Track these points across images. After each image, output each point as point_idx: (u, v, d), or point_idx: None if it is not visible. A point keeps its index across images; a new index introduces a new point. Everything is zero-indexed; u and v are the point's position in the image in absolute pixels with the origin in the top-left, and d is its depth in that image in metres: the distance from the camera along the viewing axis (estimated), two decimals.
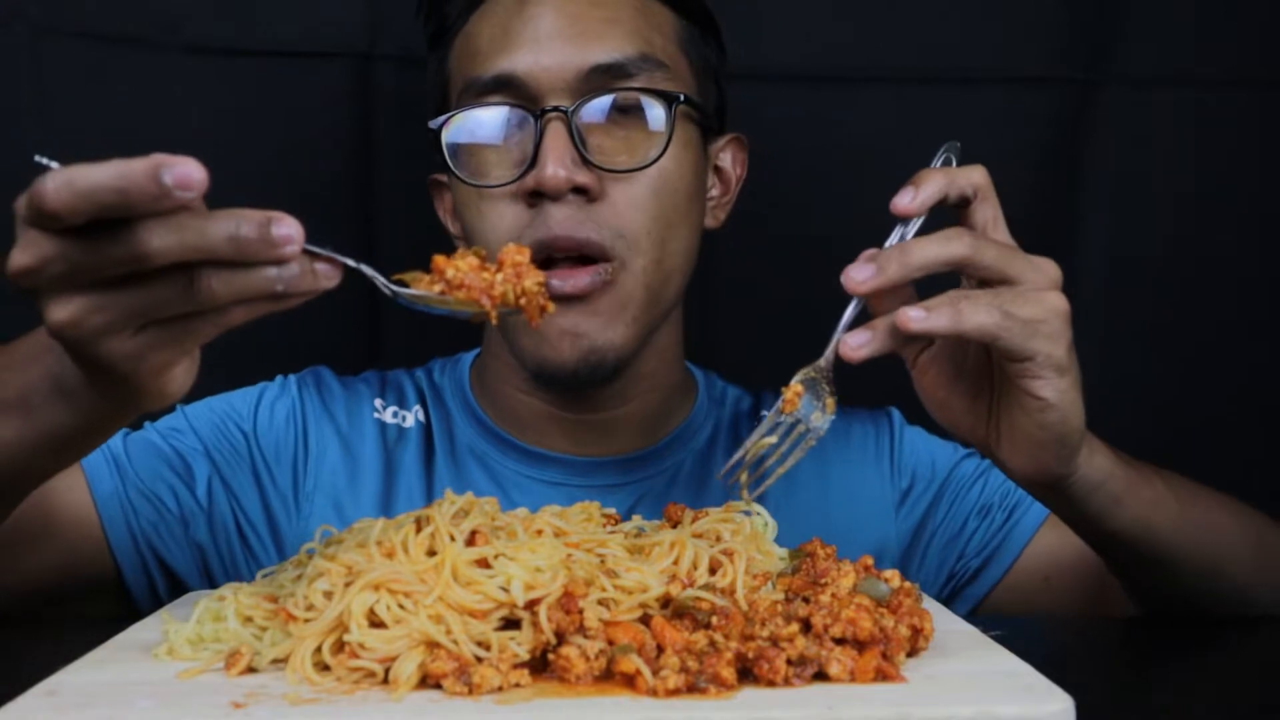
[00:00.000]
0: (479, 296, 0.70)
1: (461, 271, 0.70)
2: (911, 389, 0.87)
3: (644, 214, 1.02)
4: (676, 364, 1.15)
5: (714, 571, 0.78)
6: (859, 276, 0.78)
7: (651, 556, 0.78)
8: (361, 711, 0.63)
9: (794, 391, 0.83)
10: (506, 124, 1.02)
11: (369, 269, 0.67)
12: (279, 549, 1.08)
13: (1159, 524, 0.90)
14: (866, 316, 0.80)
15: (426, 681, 0.66)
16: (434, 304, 0.70)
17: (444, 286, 0.70)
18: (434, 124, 1.04)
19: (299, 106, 1.40)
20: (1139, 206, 1.45)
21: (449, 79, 1.08)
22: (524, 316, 0.74)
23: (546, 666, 0.68)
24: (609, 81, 1.01)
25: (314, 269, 0.63)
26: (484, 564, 0.72)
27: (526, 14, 1.02)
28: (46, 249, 0.60)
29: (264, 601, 0.75)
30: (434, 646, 0.67)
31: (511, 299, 0.72)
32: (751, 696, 0.64)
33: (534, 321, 0.74)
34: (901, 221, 0.83)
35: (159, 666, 0.71)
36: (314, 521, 1.07)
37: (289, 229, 0.60)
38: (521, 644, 0.68)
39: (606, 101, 1.01)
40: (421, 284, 0.70)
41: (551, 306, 0.75)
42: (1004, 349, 0.77)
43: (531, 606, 0.69)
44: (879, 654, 0.68)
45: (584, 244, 0.99)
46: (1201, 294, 1.47)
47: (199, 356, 0.69)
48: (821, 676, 0.67)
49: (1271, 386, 1.45)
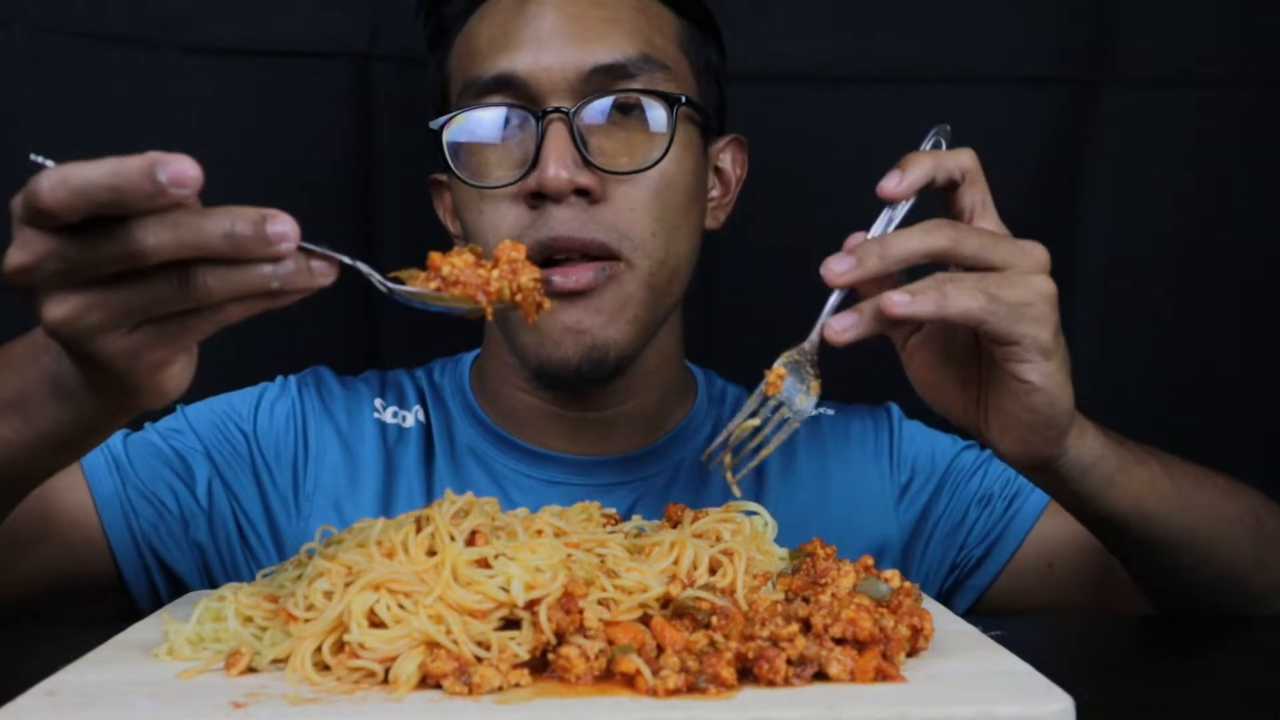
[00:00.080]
0: (475, 293, 0.71)
1: (457, 268, 0.70)
2: (910, 384, 0.87)
3: (646, 215, 1.02)
4: (676, 362, 1.15)
5: (714, 571, 0.78)
6: (838, 269, 0.78)
7: (651, 556, 0.78)
8: (361, 711, 0.63)
9: (776, 374, 0.83)
10: (507, 124, 1.02)
11: (364, 266, 0.66)
12: (279, 549, 1.08)
13: (1152, 505, 0.90)
14: (853, 300, 0.80)
15: (426, 681, 0.66)
16: (430, 301, 0.70)
17: (440, 283, 0.70)
18: (434, 124, 1.04)
19: (299, 106, 1.40)
20: (1139, 206, 1.45)
21: (449, 79, 1.08)
22: (520, 313, 0.74)
23: (546, 666, 0.68)
24: (610, 82, 1.01)
25: (310, 266, 0.63)
26: (484, 564, 0.72)
27: (527, 14, 1.02)
28: (42, 247, 0.60)
29: (264, 601, 0.75)
30: (434, 646, 0.67)
31: (507, 295, 0.72)
32: (751, 696, 0.64)
33: (530, 318, 0.74)
34: (889, 205, 0.83)
35: (159, 666, 0.71)
36: (314, 521, 1.07)
37: (284, 226, 0.60)
38: (521, 644, 0.68)
39: (608, 102, 1.01)
40: (417, 281, 0.70)
41: (548, 303, 0.75)
42: (990, 333, 0.78)
43: (531, 606, 0.69)
44: (879, 654, 0.68)
45: (588, 244, 1.00)
46: (1201, 294, 1.47)
47: (197, 355, 0.69)
48: (821, 676, 0.67)
49: (1272, 386, 1.45)
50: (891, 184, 0.80)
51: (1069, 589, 1.08)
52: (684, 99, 1.03)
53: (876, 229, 0.83)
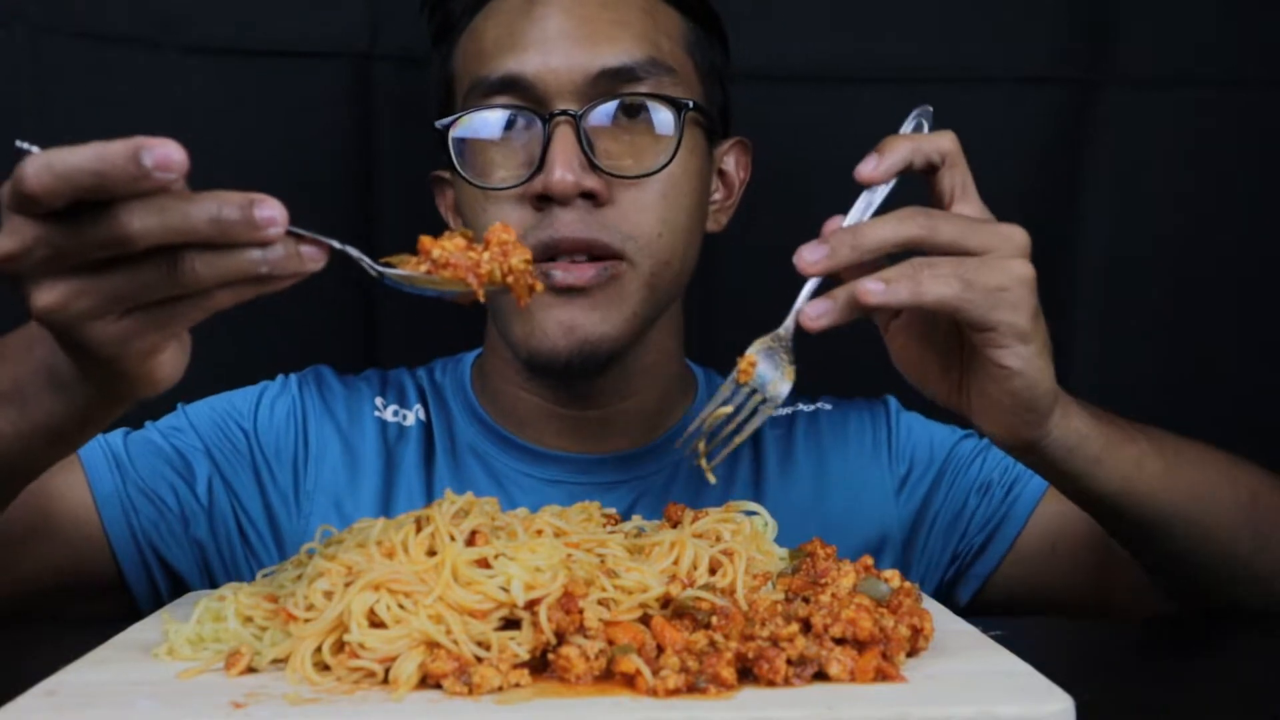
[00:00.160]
0: (465, 275, 0.70)
1: (448, 251, 0.70)
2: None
3: (651, 218, 1.02)
4: (676, 361, 1.15)
5: (714, 571, 0.78)
6: (810, 258, 0.78)
7: (651, 556, 0.78)
8: (361, 711, 0.63)
9: (748, 361, 0.82)
10: (513, 126, 1.02)
11: (355, 250, 0.66)
12: (279, 547, 1.08)
13: (1143, 484, 0.89)
14: (831, 284, 0.79)
15: (426, 681, 0.66)
16: (421, 284, 0.70)
17: (430, 266, 0.70)
18: (440, 124, 1.04)
19: (299, 106, 1.40)
20: (1139, 206, 1.45)
21: (454, 77, 1.08)
22: (512, 296, 0.73)
23: (546, 666, 0.68)
24: (617, 86, 1.01)
25: (299, 251, 0.62)
26: (484, 564, 0.72)
27: (534, 14, 1.02)
28: (29, 234, 0.60)
29: (264, 601, 0.75)
30: (434, 646, 0.67)
31: (498, 277, 0.72)
32: (751, 696, 0.64)
33: (522, 301, 0.74)
34: (869, 189, 0.82)
35: (159, 666, 0.71)
36: (314, 520, 1.07)
37: (272, 210, 0.60)
38: (521, 644, 0.68)
39: (614, 106, 1.01)
40: (408, 265, 0.70)
41: (540, 285, 0.75)
42: (966, 320, 0.78)
43: (531, 606, 0.69)
44: (879, 654, 0.68)
45: (591, 245, 1.00)
46: (1201, 294, 1.47)
47: (190, 344, 0.69)
48: (821, 676, 0.67)
49: (1272, 386, 1.45)
50: (869, 168, 0.80)
51: (1073, 573, 1.07)
52: (691, 104, 1.03)
53: (855, 214, 0.82)
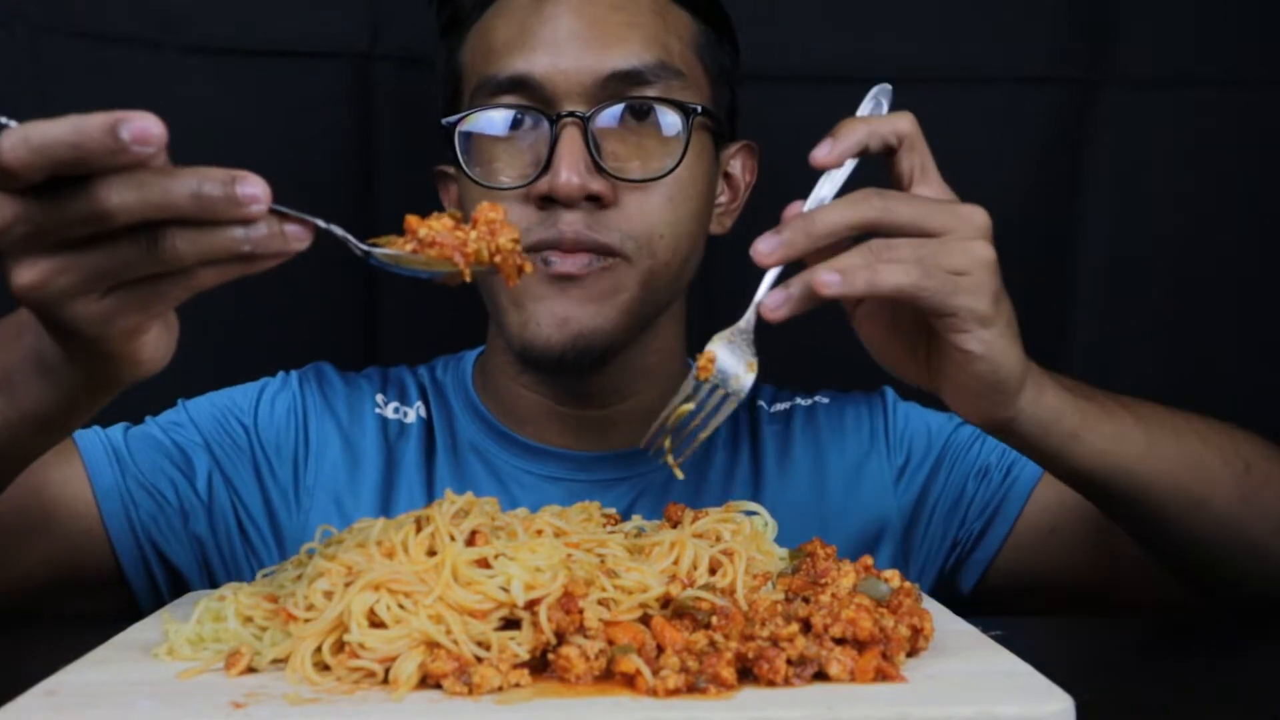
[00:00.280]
0: (452, 254, 0.69)
1: (434, 230, 0.70)
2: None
3: (655, 220, 1.02)
4: (677, 360, 1.15)
5: (714, 571, 0.78)
6: (764, 249, 0.78)
7: (651, 556, 0.78)
8: (361, 711, 0.63)
9: (706, 358, 0.82)
10: (520, 125, 1.02)
11: (340, 230, 0.65)
12: (279, 544, 1.08)
13: (1125, 457, 0.88)
14: (793, 272, 0.78)
15: (426, 681, 0.66)
16: (408, 264, 0.69)
17: (416, 245, 0.69)
18: (447, 121, 1.04)
19: (299, 106, 1.40)
20: (1139, 206, 1.45)
21: (461, 73, 1.08)
22: (501, 277, 0.72)
23: (546, 666, 0.68)
24: (626, 88, 1.01)
25: (283, 230, 0.62)
26: (484, 564, 0.72)
27: (544, 14, 1.02)
28: (8, 210, 0.59)
29: (264, 601, 0.75)
30: (434, 646, 0.67)
31: (486, 257, 0.71)
32: (751, 696, 0.64)
33: (510, 281, 0.73)
34: (827, 173, 0.81)
35: (159, 666, 0.71)
36: (314, 516, 1.07)
37: (254, 187, 0.59)
38: (521, 644, 0.68)
39: (623, 109, 1.01)
40: (394, 245, 0.69)
41: (529, 265, 0.74)
42: (925, 307, 0.77)
43: (531, 606, 0.69)
44: (879, 654, 0.68)
45: (593, 244, 1.00)
46: (1202, 294, 1.46)
47: (177, 328, 0.68)
48: (821, 676, 0.66)
49: (1272, 386, 1.45)
50: (822, 152, 0.79)
51: (1074, 555, 1.06)
52: (700, 109, 1.03)
53: (813, 199, 0.82)
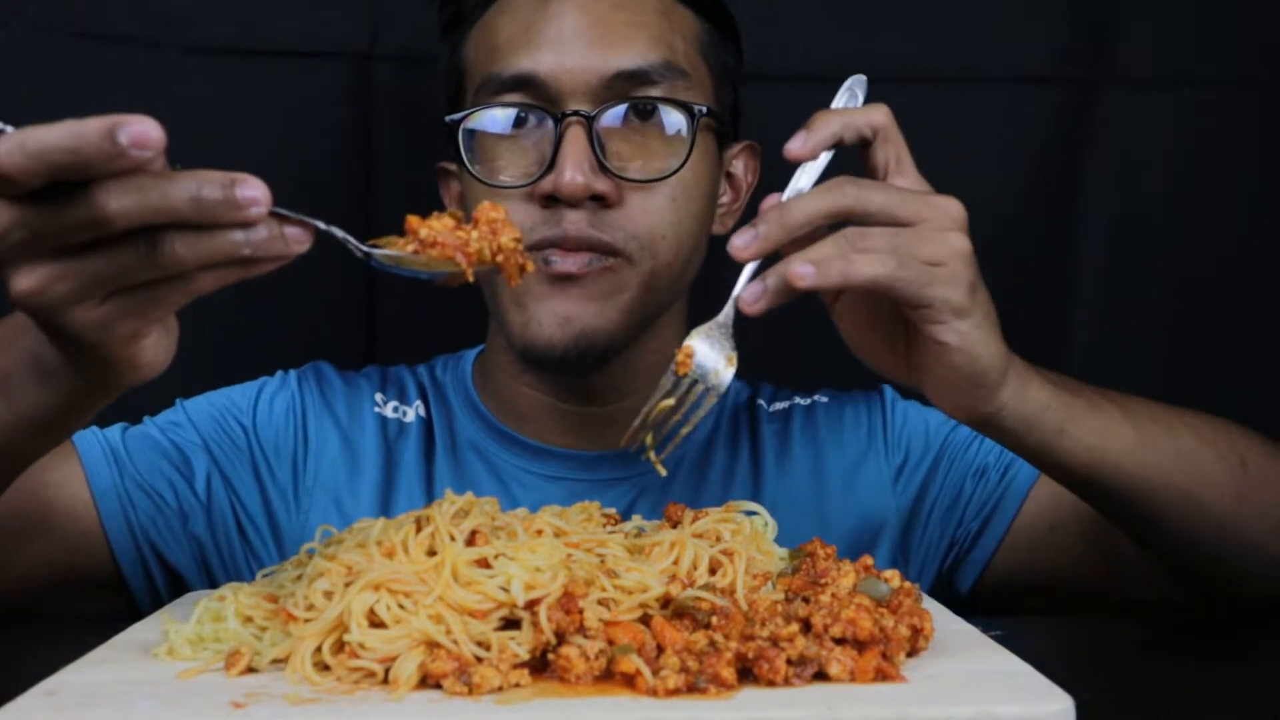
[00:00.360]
0: (453, 254, 0.69)
1: (435, 230, 0.69)
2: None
3: (659, 221, 1.02)
4: None
5: (714, 571, 0.78)
6: (740, 244, 0.77)
7: (651, 556, 0.78)
8: (361, 711, 0.63)
9: (684, 353, 0.82)
10: (524, 124, 1.02)
11: (340, 231, 0.65)
12: (278, 544, 1.08)
13: (1113, 454, 0.87)
14: (773, 262, 0.78)
15: (426, 681, 0.66)
16: (409, 265, 0.69)
17: (417, 245, 0.69)
18: (450, 119, 1.04)
19: (299, 106, 1.40)
20: (1139, 206, 1.45)
21: (464, 70, 1.08)
22: (503, 277, 0.72)
23: (546, 666, 0.68)
24: (631, 88, 1.01)
25: (283, 233, 0.61)
26: (484, 564, 0.72)
27: (549, 12, 1.02)
28: (5, 216, 0.59)
29: (264, 601, 0.75)
30: (434, 646, 0.67)
31: (488, 256, 0.71)
32: (751, 696, 0.64)
33: (512, 280, 0.73)
34: (804, 167, 0.81)
35: (159, 666, 0.71)
36: (313, 517, 1.07)
37: (254, 190, 0.59)
38: (521, 644, 0.68)
39: (627, 108, 1.00)
40: (395, 246, 0.69)
41: (530, 265, 0.73)
42: (900, 298, 0.77)
43: (531, 606, 0.69)
44: (879, 654, 0.68)
45: (595, 244, 0.99)
46: (1202, 294, 1.46)
47: (176, 332, 0.68)
48: (821, 676, 0.67)
49: (1272, 386, 1.45)
50: (796, 145, 0.79)
51: (1073, 554, 1.06)
52: (705, 110, 1.02)
53: (790, 191, 0.81)
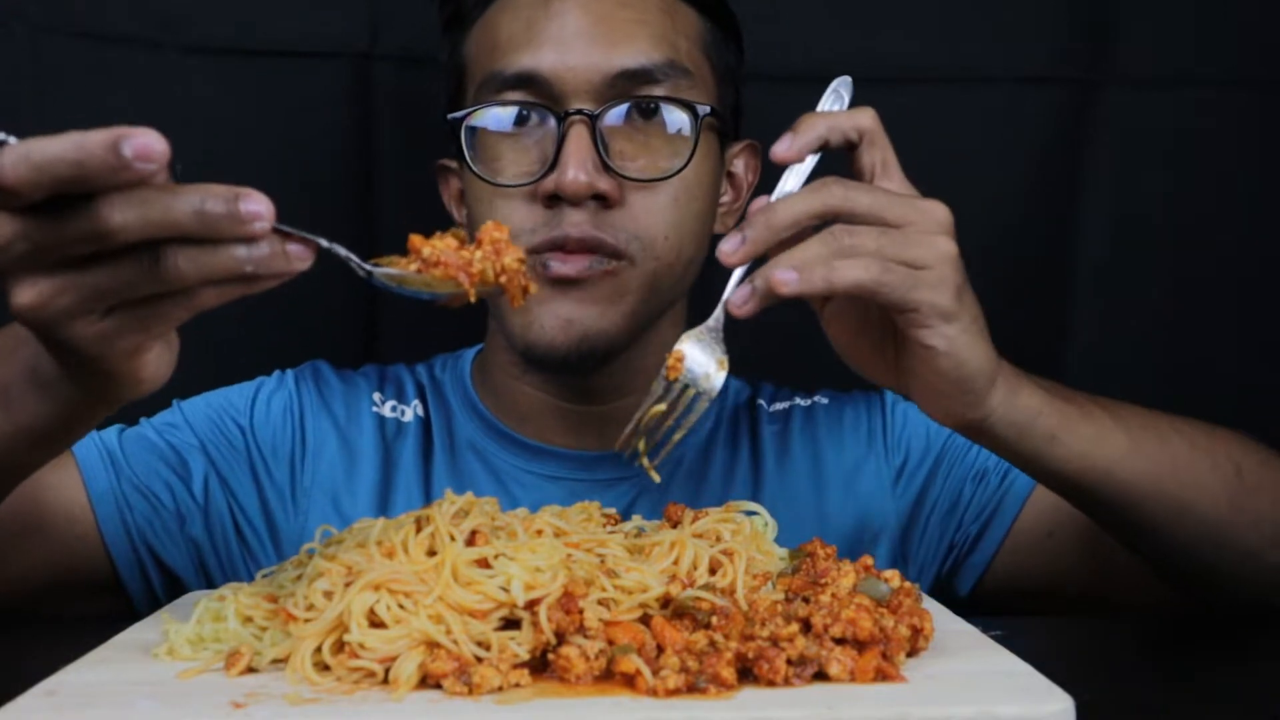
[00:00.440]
0: (456, 274, 0.68)
1: (438, 250, 0.69)
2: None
3: (661, 220, 1.01)
4: None
5: (714, 571, 0.78)
6: (727, 249, 0.77)
7: (651, 556, 0.78)
8: (361, 711, 0.63)
9: (675, 357, 0.82)
10: (527, 122, 1.02)
11: (343, 249, 0.64)
12: (276, 545, 1.08)
13: (1105, 460, 0.86)
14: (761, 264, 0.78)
15: (426, 681, 0.66)
16: (411, 284, 0.68)
17: (420, 265, 0.68)
18: (452, 117, 1.03)
19: (299, 106, 1.40)
20: (1139, 206, 1.45)
21: (465, 68, 1.07)
22: (506, 297, 0.72)
23: (546, 666, 0.68)
24: (634, 87, 1.00)
25: (285, 250, 0.61)
26: (484, 564, 0.72)
27: (552, 10, 1.01)
28: (8, 228, 0.58)
29: (264, 601, 0.75)
30: (434, 646, 0.67)
31: (491, 277, 0.70)
32: (751, 696, 0.64)
33: (516, 301, 0.73)
34: (792, 169, 0.81)
35: (159, 666, 0.71)
36: (312, 517, 1.07)
37: (258, 205, 0.58)
38: (521, 644, 0.68)
39: (631, 107, 1.00)
40: (398, 265, 0.68)
41: (534, 286, 0.73)
42: (886, 303, 0.76)
43: (531, 606, 0.69)
44: (879, 654, 0.68)
45: (597, 243, 0.99)
46: (1202, 294, 1.46)
47: (177, 345, 0.68)
48: (821, 676, 0.67)
49: (1272, 386, 1.45)
50: (782, 147, 0.79)
51: (1071, 559, 1.06)
52: (709, 109, 1.02)
53: (778, 194, 0.81)
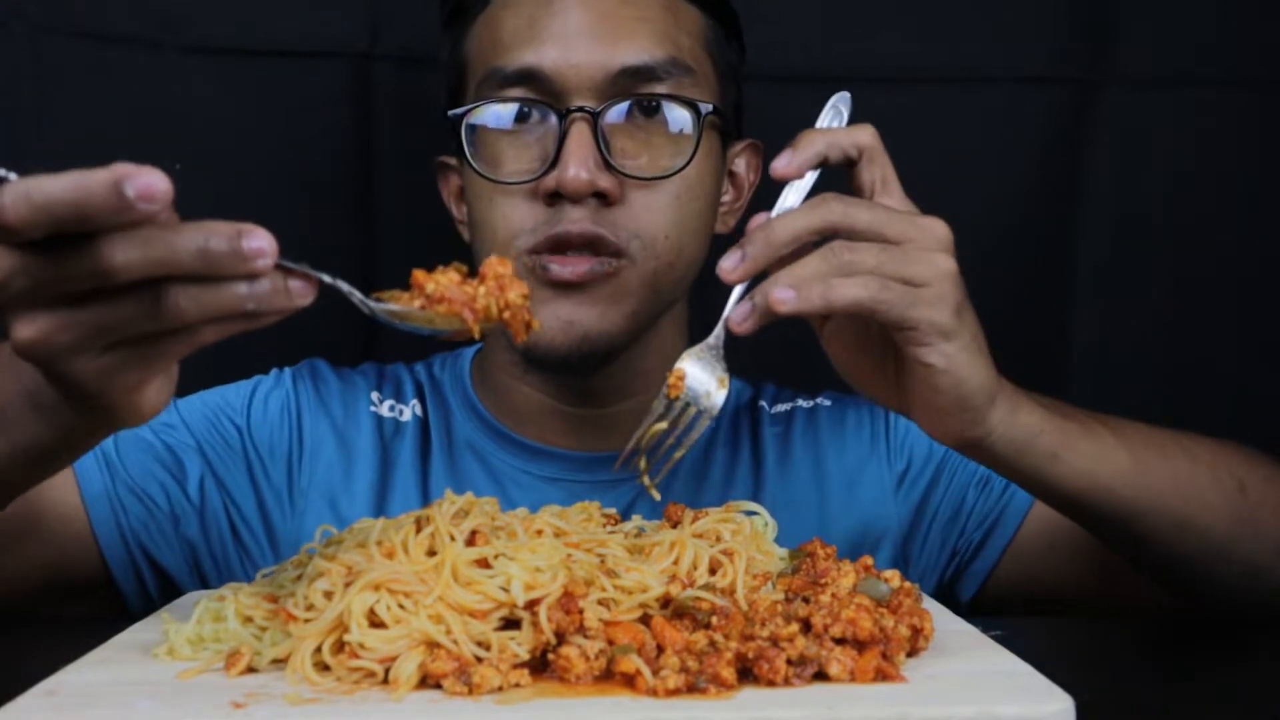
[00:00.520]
0: (460, 310, 0.68)
1: (442, 285, 0.68)
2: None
3: (662, 219, 1.01)
4: None
5: (714, 571, 0.78)
6: (727, 266, 0.77)
7: (651, 556, 0.78)
8: (361, 711, 0.63)
9: (676, 376, 0.82)
10: (528, 119, 1.01)
11: (345, 285, 0.64)
12: (273, 546, 1.07)
13: (1107, 477, 0.86)
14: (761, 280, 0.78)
15: (426, 681, 0.66)
16: (414, 321, 0.68)
17: (424, 301, 0.68)
18: (453, 114, 1.03)
19: (299, 106, 1.40)
20: (1139, 206, 1.45)
21: (466, 65, 1.07)
22: (509, 331, 0.72)
23: (546, 666, 0.68)
24: (636, 84, 1.00)
25: (287, 286, 0.60)
26: (484, 564, 0.72)
27: (554, 7, 1.01)
28: (7, 264, 0.58)
29: (264, 601, 0.75)
30: (434, 646, 0.67)
31: (494, 312, 0.70)
32: (751, 696, 0.64)
33: (519, 337, 0.72)
34: (791, 184, 0.81)
35: (159, 666, 0.71)
36: (309, 517, 1.07)
37: (261, 242, 0.57)
38: (521, 644, 0.68)
39: (633, 105, 1.00)
40: (401, 301, 0.68)
41: (536, 324, 0.73)
42: (884, 320, 0.76)
43: (531, 606, 0.69)
44: (879, 654, 0.68)
45: (598, 241, 0.99)
46: (1202, 294, 1.47)
47: (176, 373, 0.67)
48: (821, 676, 0.67)
49: (1272, 386, 1.45)
50: (782, 163, 0.79)
51: (1073, 568, 1.06)
52: (712, 108, 1.02)
53: (779, 209, 0.81)
